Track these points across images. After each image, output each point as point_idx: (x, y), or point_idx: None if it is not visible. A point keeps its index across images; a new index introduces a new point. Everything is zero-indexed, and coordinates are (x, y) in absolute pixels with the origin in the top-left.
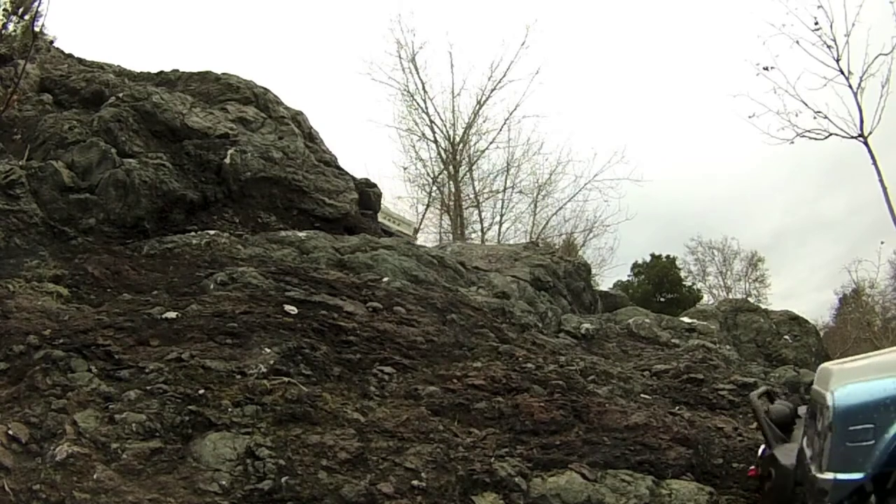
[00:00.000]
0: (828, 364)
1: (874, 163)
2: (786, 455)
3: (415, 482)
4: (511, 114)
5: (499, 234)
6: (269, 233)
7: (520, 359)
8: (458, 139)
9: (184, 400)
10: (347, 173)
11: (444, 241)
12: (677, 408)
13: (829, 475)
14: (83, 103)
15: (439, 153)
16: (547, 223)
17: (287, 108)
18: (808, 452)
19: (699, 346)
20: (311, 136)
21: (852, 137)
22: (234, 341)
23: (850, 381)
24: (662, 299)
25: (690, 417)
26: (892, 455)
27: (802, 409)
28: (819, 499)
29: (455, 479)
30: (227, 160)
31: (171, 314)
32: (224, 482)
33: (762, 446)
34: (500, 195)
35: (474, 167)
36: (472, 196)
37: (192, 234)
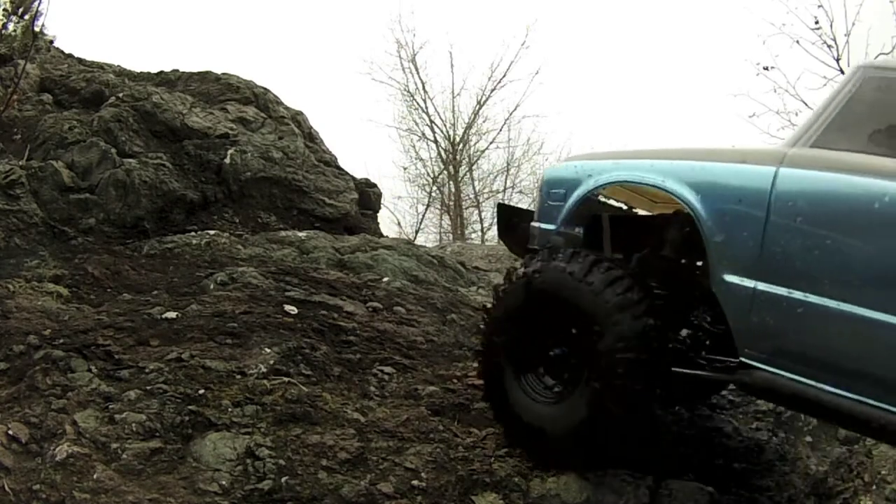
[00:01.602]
0: None
1: None
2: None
3: (415, 482)
4: (511, 114)
5: None
6: (269, 233)
7: None
8: (458, 139)
9: (184, 400)
10: (347, 173)
11: (444, 241)
12: (677, 408)
13: (536, 224)
14: (83, 103)
15: (439, 153)
16: None
17: (287, 108)
18: None
19: None
20: (311, 136)
21: None
22: (234, 341)
23: (559, 163)
24: None
25: (690, 417)
26: (575, 212)
27: None
28: (530, 242)
29: (455, 479)
30: (227, 160)
31: (171, 314)
32: (224, 482)
33: None
34: (500, 195)
35: (474, 167)
36: (472, 196)
37: (192, 234)
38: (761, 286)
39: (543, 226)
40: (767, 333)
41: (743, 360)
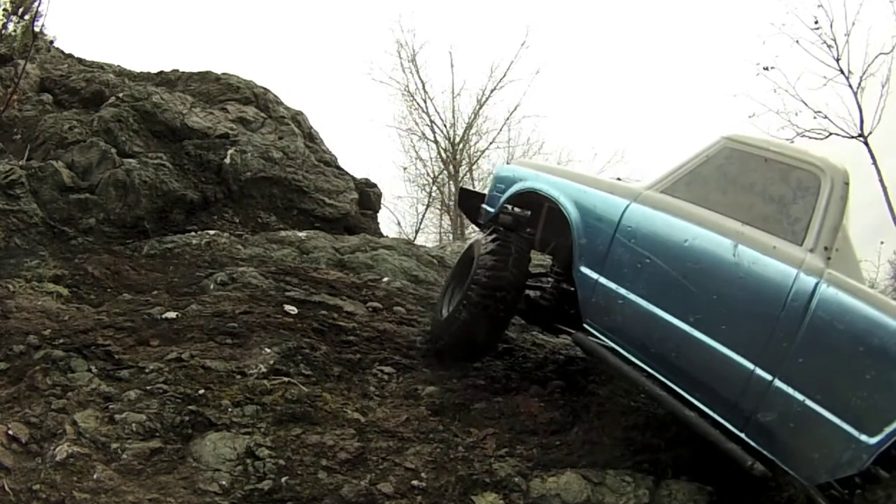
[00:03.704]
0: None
1: (874, 163)
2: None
3: (415, 482)
4: (511, 114)
5: None
6: (269, 233)
7: (520, 359)
8: (458, 139)
9: (184, 400)
10: (347, 173)
11: (444, 241)
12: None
13: (484, 206)
14: (83, 103)
15: (439, 153)
16: None
17: (287, 108)
18: None
19: None
20: (311, 136)
21: (852, 137)
22: (234, 341)
23: (507, 165)
24: None
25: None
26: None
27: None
28: (480, 218)
29: (455, 479)
30: (227, 160)
31: (171, 314)
32: (224, 482)
33: None
34: None
35: (474, 167)
36: None
37: (192, 234)
38: (602, 279)
39: (488, 208)
40: (600, 311)
41: (584, 325)
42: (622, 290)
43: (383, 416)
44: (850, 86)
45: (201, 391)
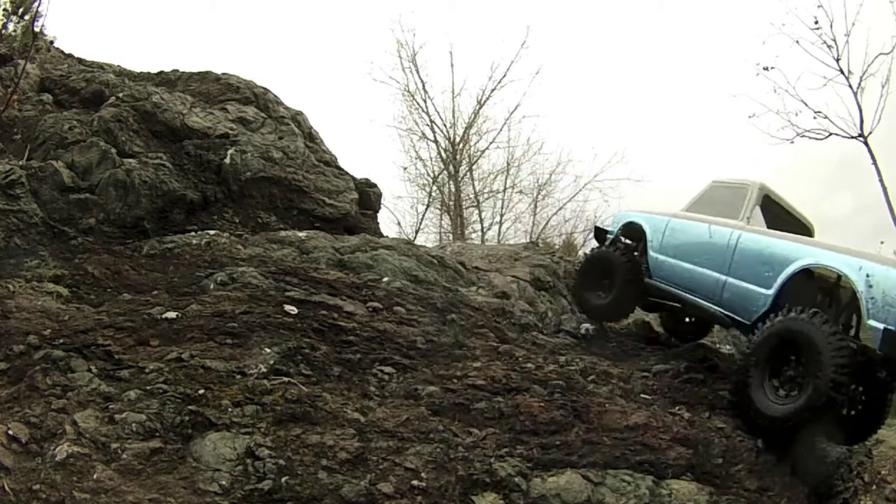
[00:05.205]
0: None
1: (874, 163)
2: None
3: (415, 482)
4: (511, 114)
5: (499, 234)
6: (269, 233)
7: (520, 359)
8: (458, 139)
9: (184, 400)
10: (347, 173)
11: (444, 241)
12: (677, 408)
13: (608, 236)
14: (83, 103)
15: (439, 153)
16: (547, 223)
17: (287, 108)
18: None
19: (699, 345)
20: (311, 136)
21: (852, 137)
22: (234, 341)
23: (620, 211)
24: None
25: (690, 417)
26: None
27: None
28: (603, 243)
29: (455, 479)
30: (227, 160)
31: (171, 314)
32: (224, 482)
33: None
34: (500, 195)
35: (474, 167)
36: (472, 196)
37: (192, 234)
38: (660, 256)
39: (608, 234)
40: (658, 269)
41: (648, 280)
42: (670, 260)
43: (383, 416)
44: (850, 86)
45: (201, 391)
